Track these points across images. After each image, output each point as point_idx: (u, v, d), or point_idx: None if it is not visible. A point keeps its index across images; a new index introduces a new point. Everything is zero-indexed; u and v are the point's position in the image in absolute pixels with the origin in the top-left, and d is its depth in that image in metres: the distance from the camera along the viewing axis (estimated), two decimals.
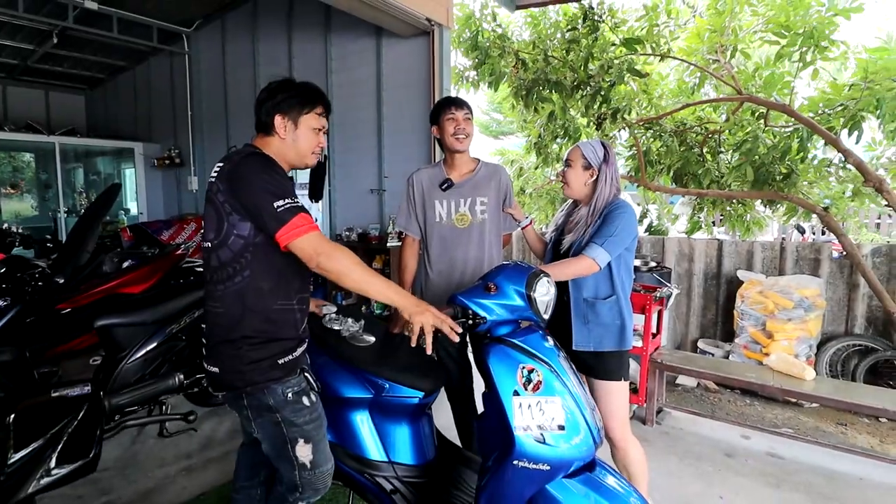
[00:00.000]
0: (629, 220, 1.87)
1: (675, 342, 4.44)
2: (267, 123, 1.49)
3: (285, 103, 1.48)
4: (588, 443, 1.40)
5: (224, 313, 1.44)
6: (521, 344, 1.45)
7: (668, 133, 4.68)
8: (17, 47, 6.83)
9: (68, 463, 0.84)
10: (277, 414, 1.45)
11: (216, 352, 1.46)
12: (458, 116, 2.16)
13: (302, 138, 1.51)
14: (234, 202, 1.39)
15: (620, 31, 4.30)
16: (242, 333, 1.43)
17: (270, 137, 1.51)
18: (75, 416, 0.86)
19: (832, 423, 3.26)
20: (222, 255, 1.42)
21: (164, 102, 7.19)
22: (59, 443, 0.83)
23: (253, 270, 1.43)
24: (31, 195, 8.43)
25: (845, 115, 3.55)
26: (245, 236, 1.41)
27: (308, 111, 1.51)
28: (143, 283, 3.70)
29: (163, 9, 5.86)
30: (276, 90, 1.50)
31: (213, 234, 1.43)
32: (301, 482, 1.50)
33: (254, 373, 1.43)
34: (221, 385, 1.47)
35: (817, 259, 3.93)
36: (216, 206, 1.41)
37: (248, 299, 1.43)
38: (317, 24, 5.10)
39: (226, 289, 1.43)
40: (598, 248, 1.82)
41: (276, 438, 1.48)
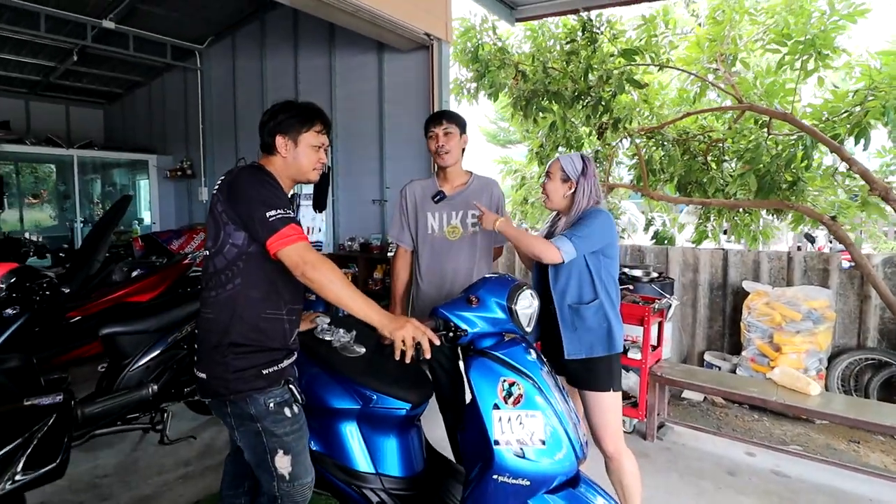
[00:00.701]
0: (603, 222, 1.88)
1: (682, 355, 4.37)
2: (269, 144, 1.56)
3: (285, 123, 1.55)
4: (570, 458, 1.39)
5: (214, 319, 1.48)
6: (503, 357, 1.45)
7: (671, 142, 4.66)
8: (40, 64, 7.07)
9: (35, 469, 0.87)
10: (258, 423, 1.47)
11: (205, 358, 1.50)
12: (438, 133, 2.19)
13: (302, 156, 1.57)
14: (230, 212, 1.45)
15: (619, 42, 4.31)
16: (230, 340, 1.46)
17: (273, 157, 1.58)
18: (45, 424, 0.89)
19: (844, 440, 3.17)
20: (217, 263, 1.48)
21: (177, 116, 7.37)
22: (28, 449, 0.86)
23: (244, 278, 1.47)
24: (51, 205, 8.67)
25: (850, 122, 3.50)
26: (239, 245, 1.46)
27: (307, 130, 1.57)
28: (151, 291, 3.78)
29: (176, 27, 6.04)
30: (277, 112, 1.57)
31: (212, 242, 1.50)
32: (280, 493, 1.51)
33: (238, 381, 1.45)
34: (207, 391, 1.51)
35: (826, 269, 3.85)
36: (215, 215, 1.48)
37: (238, 307, 1.47)
38: (321, 41, 5.21)
39: (217, 295, 1.48)
40: (565, 239, 1.82)
41: (257, 447, 1.50)
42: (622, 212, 7.56)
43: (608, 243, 1.91)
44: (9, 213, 7.75)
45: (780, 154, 3.83)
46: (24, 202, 8.27)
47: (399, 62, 4.56)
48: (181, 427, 3.17)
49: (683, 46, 4.50)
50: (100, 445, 2.96)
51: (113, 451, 2.93)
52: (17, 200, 8.07)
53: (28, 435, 0.88)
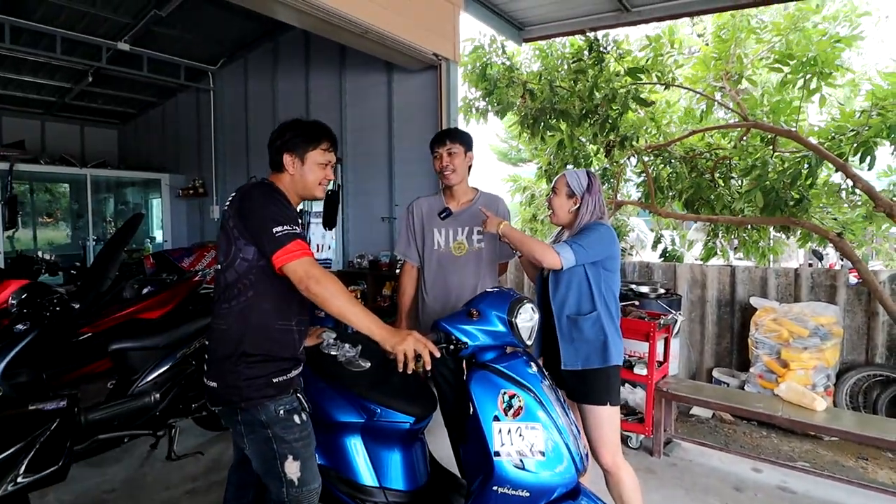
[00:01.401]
0: (603, 233, 1.91)
1: (690, 371, 4.34)
2: (278, 161, 1.61)
3: (292, 142, 1.60)
4: (570, 471, 1.40)
5: (227, 330, 1.52)
6: (504, 370, 1.48)
7: (678, 159, 4.70)
8: (56, 86, 7.28)
9: (37, 471, 0.90)
10: (269, 430, 1.51)
11: (216, 367, 1.54)
12: (442, 153, 2.22)
13: (308, 173, 1.62)
14: (241, 227, 1.50)
15: (625, 61, 4.38)
16: (242, 350, 1.50)
17: (282, 174, 1.63)
18: (48, 428, 0.93)
19: (852, 457, 3.12)
20: (229, 277, 1.53)
21: (189, 136, 7.53)
22: (31, 452, 0.90)
23: (256, 291, 1.52)
24: (65, 223, 8.83)
25: (856, 141, 3.52)
26: (250, 259, 1.51)
27: (313, 148, 1.61)
28: (161, 308, 3.82)
29: (189, 48, 6.22)
30: (285, 130, 1.62)
31: (223, 257, 1.55)
32: (288, 499, 1.54)
33: (249, 389, 1.49)
34: (218, 399, 1.54)
35: (833, 286, 3.83)
36: (227, 231, 1.53)
37: (251, 318, 1.52)
38: (332, 62, 5.34)
39: (230, 308, 1.52)
40: (566, 245, 1.86)
41: (266, 454, 1.53)
42: (630, 228, 7.57)
43: (608, 256, 1.94)
44: (23, 231, 7.90)
45: (786, 171, 3.86)
46: (38, 221, 8.43)
47: (408, 82, 4.66)
48: (188, 443, 3.19)
49: (689, 66, 4.57)
50: (107, 461, 2.98)
51: (120, 466, 2.95)
52: (31, 219, 8.23)
53: (31, 438, 0.92)
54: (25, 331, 2.72)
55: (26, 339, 2.69)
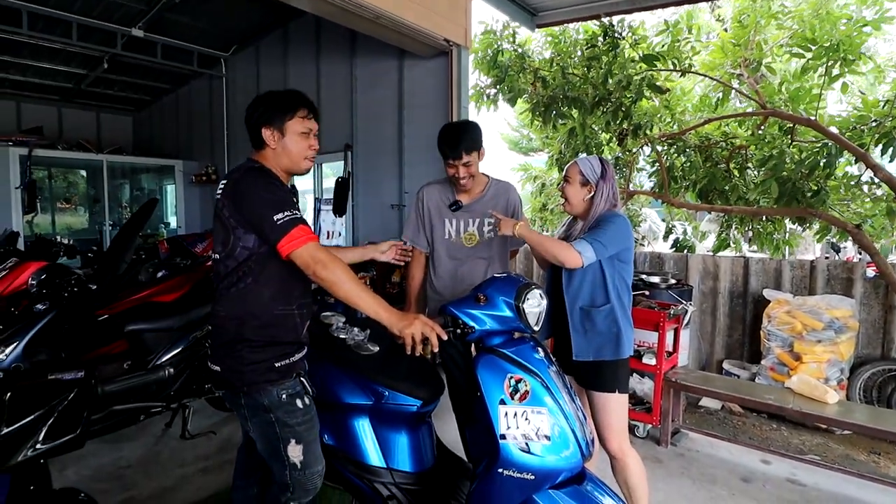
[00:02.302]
0: (620, 226, 1.88)
1: (700, 362, 4.32)
2: (257, 138, 1.56)
3: (267, 114, 1.54)
4: (576, 455, 1.41)
5: (227, 316, 1.53)
6: (511, 354, 1.48)
7: (692, 148, 4.63)
8: (72, 72, 7.37)
9: (55, 438, 0.93)
10: (271, 414, 1.52)
11: (219, 352, 1.55)
12: (457, 164, 2.12)
13: (290, 144, 1.56)
14: (238, 216, 1.48)
15: (641, 47, 4.31)
16: (243, 336, 1.51)
17: (263, 151, 1.58)
18: (66, 397, 0.96)
19: (864, 451, 3.09)
20: (229, 265, 1.52)
21: (202, 122, 7.58)
22: (49, 420, 0.93)
23: (255, 278, 1.52)
24: (82, 209, 8.98)
25: (879, 132, 3.44)
26: (250, 247, 1.50)
27: (290, 117, 1.55)
28: (175, 292, 3.89)
29: (202, 35, 6.24)
30: (258, 103, 1.56)
31: (221, 247, 1.53)
32: (291, 481, 1.56)
33: (251, 373, 1.51)
34: (221, 383, 1.56)
35: (850, 279, 3.77)
36: (223, 220, 1.50)
37: (250, 304, 1.52)
38: (343, 48, 5.32)
39: (230, 294, 1.53)
40: (585, 243, 1.82)
41: (270, 437, 1.54)
42: (642, 219, 7.51)
43: (624, 248, 1.92)
44: (42, 216, 8.03)
45: (804, 161, 3.78)
46: (56, 206, 8.58)
47: (419, 69, 4.62)
48: (201, 423, 3.26)
49: (706, 52, 4.47)
50: (123, 438, 3.06)
51: (136, 443, 3.03)
52: (49, 205, 8.37)
53: (50, 407, 0.95)
54: (45, 310, 2.80)
55: (46, 318, 2.76)
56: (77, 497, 1.05)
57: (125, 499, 2.46)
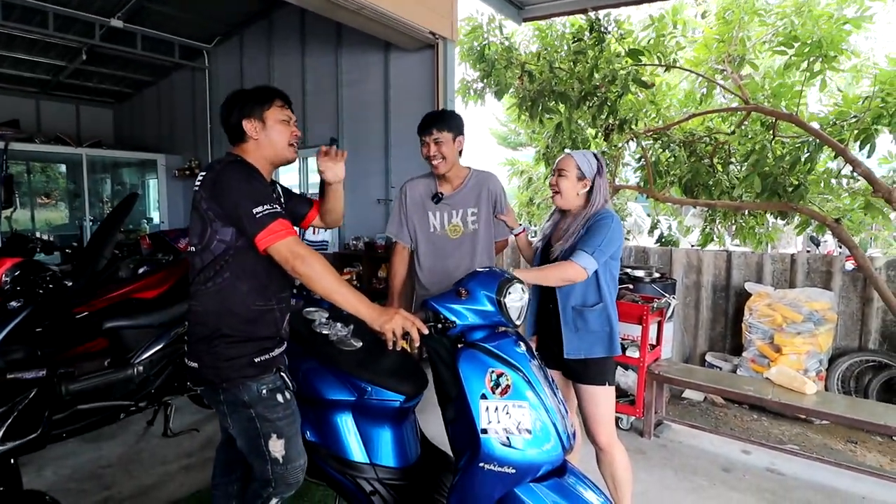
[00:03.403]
0: (616, 229, 1.88)
1: (684, 355, 4.37)
2: (239, 132, 1.56)
3: (246, 108, 1.55)
4: (557, 449, 1.41)
5: (203, 312, 1.51)
6: (492, 349, 1.48)
7: (677, 143, 4.66)
8: (50, 63, 7.18)
9: (15, 438, 0.91)
10: (252, 409, 1.51)
11: (196, 348, 1.53)
12: (428, 142, 2.16)
13: (274, 133, 1.57)
14: (217, 209, 1.46)
15: (626, 42, 4.32)
16: (220, 332, 1.49)
17: (245, 144, 1.58)
18: (26, 396, 0.93)
19: (841, 440, 3.16)
20: (205, 258, 1.50)
21: (185, 116, 7.45)
22: (8, 419, 0.90)
23: (233, 272, 1.50)
24: (62, 204, 8.79)
25: (858, 127, 3.49)
26: (227, 241, 1.48)
27: (269, 107, 1.57)
28: (157, 288, 3.82)
29: (184, 26, 6.12)
30: (234, 101, 1.57)
31: (197, 240, 1.51)
32: (273, 476, 1.55)
33: (229, 369, 1.49)
34: (199, 380, 1.54)
35: (829, 272, 3.84)
36: (200, 213, 1.49)
37: (227, 299, 1.50)
38: (328, 40, 5.25)
39: (206, 289, 1.50)
40: (587, 255, 1.82)
41: (250, 433, 1.53)
42: (628, 213, 7.57)
43: (618, 246, 1.93)
44: (21, 212, 7.85)
45: (785, 156, 3.83)
46: (35, 202, 8.39)
47: (405, 62, 4.59)
48: (184, 420, 3.22)
49: (691, 48, 4.50)
50: (103, 437, 3.02)
51: (117, 442, 2.99)
52: (28, 200, 8.19)
53: (9, 406, 0.92)
54: (19, 307, 2.73)
55: (20, 316, 2.69)
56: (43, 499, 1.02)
57: (104, 498, 2.42)
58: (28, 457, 1.97)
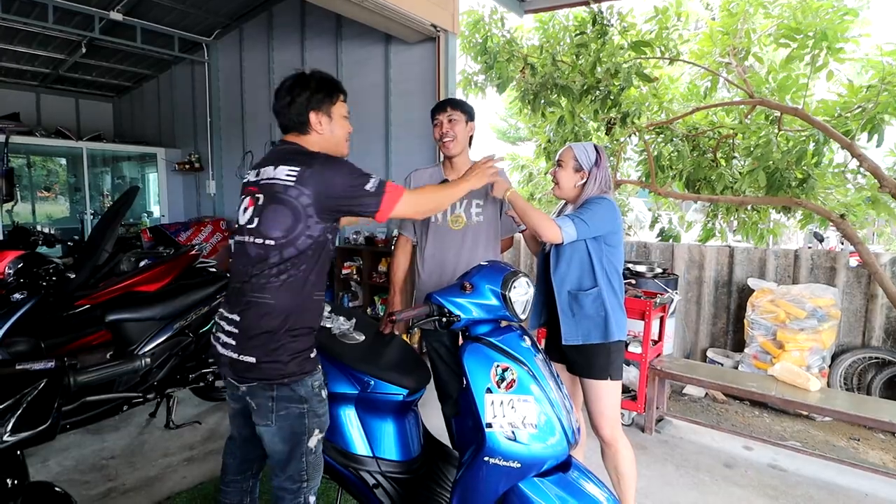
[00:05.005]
0: (606, 207, 1.87)
1: (685, 351, 4.37)
2: (302, 122, 1.53)
3: (314, 100, 1.52)
4: (562, 444, 1.41)
5: (274, 304, 1.44)
6: (497, 343, 1.47)
7: (680, 137, 4.63)
8: (50, 57, 7.14)
9: (24, 430, 0.90)
10: (306, 405, 1.48)
11: (255, 342, 1.44)
12: (442, 120, 2.17)
13: (338, 128, 1.58)
14: (323, 202, 1.43)
15: (629, 34, 4.28)
16: (288, 325, 1.45)
17: (307, 135, 1.55)
18: (36, 388, 0.92)
19: (844, 437, 3.16)
20: (286, 252, 1.44)
21: (185, 109, 7.42)
22: (17, 411, 0.90)
23: (308, 265, 1.47)
24: (63, 198, 8.78)
25: (863, 118, 3.46)
26: (315, 236, 1.45)
27: (335, 101, 1.57)
28: (158, 281, 3.82)
29: (183, 19, 6.07)
30: (300, 88, 1.52)
31: (281, 234, 1.43)
32: (307, 468, 1.53)
33: (293, 363, 1.46)
34: (255, 375, 1.45)
35: (833, 268, 3.83)
36: (294, 208, 1.42)
37: (300, 292, 1.47)
38: (328, 33, 5.22)
39: (280, 282, 1.45)
40: (567, 219, 1.82)
41: (297, 429, 1.49)
42: (629, 208, 7.54)
43: (610, 231, 1.90)
44: (22, 206, 7.84)
45: (791, 150, 3.80)
46: (36, 195, 8.39)
47: (406, 54, 4.56)
48: (186, 413, 3.23)
49: (695, 41, 4.46)
50: (107, 429, 3.02)
51: (120, 434, 2.99)
52: (29, 193, 8.18)
53: (19, 397, 0.91)
54: (23, 300, 2.73)
55: (24, 308, 2.69)
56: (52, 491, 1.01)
57: (108, 489, 2.42)
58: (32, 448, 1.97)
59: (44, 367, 0.97)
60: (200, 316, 3.05)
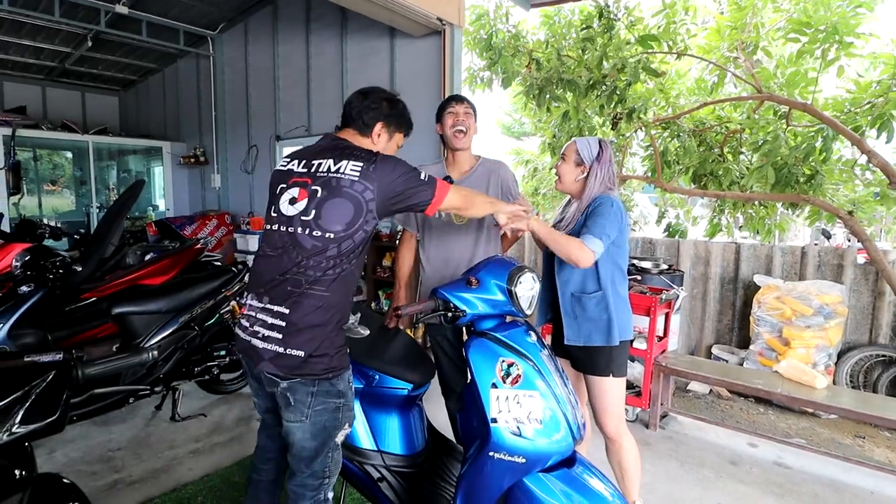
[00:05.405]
0: (617, 211, 1.84)
1: (690, 347, 4.35)
2: (368, 126, 1.63)
3: (392, 118, 1.66)
4: (567, 439, 1.40)
5: (328, 297, 1.45)
6: (503, 338, 1.47)
7: (686, 133, 4.60)
8: (56, 50, 7.15)
9: (33, 422, 0.91)
10: (343, 399, 1.50)
11: (306, 335, 1.43)
12: (459, 110, 2.19)
13: (388, 150, 1.68)
14: (387, 198, 1.49)
15: (636, 29, 4.25)
16: (337, 319, 1.48)
17: (363, 138, 1.63)
18: (44, 380, 0.93)
19: (849, 435, 3.15)
20: (344, 246, 1.46)
21: (190, 102, 7.42)
22: (26, 403, 0.90)
23: (357, 260, 1.52)
24: (69, 191, 8.82)
25: (872, 114, 3.43)
26: (368, 231, 1.51)
27: (402, 132, 1.73)
28: (164, 274, 3.84)
29: (189, 12, 6.06)
30: (388, 103, 1.66)
31: (341, 227, 1.45)
32: (331, 464, 1.54)
33: (336, 358, 1.48)
34: (301, 370, 1.43)
35: (840, 265, 3.80)
36: (357, 202, 1.45)
37: (348, 286, 1.51)
38: (334, 26, 5.20)
39: (335, 275, 1.46)
40: (595, 239, 1.77)
41: (329, 424, 1.49)
42: (634, 204, 7.51)
43: (619, 230, 1.89)
44: (28, 199, 7.89)
45: (799, 146, 3.77)
46: (42, 188, 8.42)
47: (411, 48, 4.53)
48: (192, 405, 3.25)
49: (703, 35, 4.42)
50: (113, 421, 3.05)
51: (126, 426, 3.02)
52: (36, 187, 8.21)
53: (27, 389, 0.92)
54: (30, 292, 2.75)
55: (31, 300, 2.71)
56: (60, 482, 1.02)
57: (114, 481, 2.44)
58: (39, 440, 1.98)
59: (52, 360, 0.97)
60: (206, 309, 3.06)
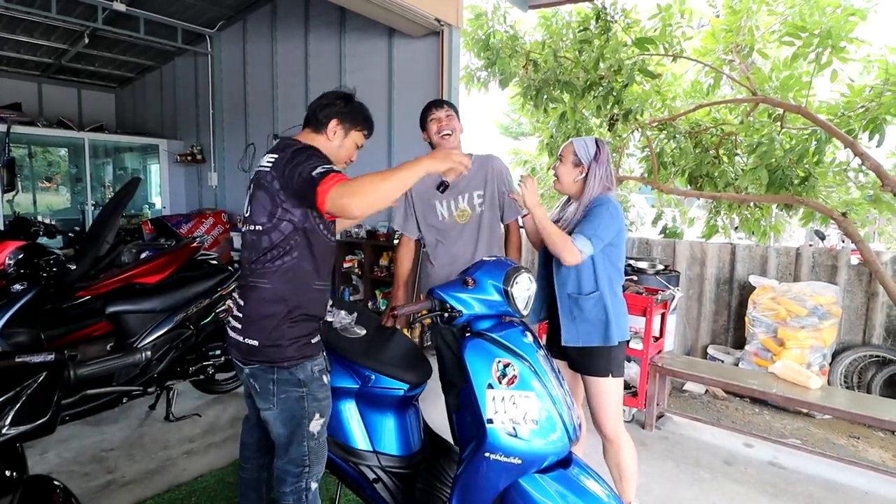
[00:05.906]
0: (612, 213, 1.85)
1: (685, 348, 4.37)
2: (322, 123, 1.63)
3: (348, 115, 1.65)
4: (563, 440, 1.40)
5: (271, 289, 1.53)
6: (499, 338, 1.47)
7: (682, 134, 4.62)
8: (52, 47, 7.11)
9: (24, 423, 0.90)
10: (305, 388, 1.55)
11: (257, 325, 1.53)
12: (440, 115, 2.21)
13: (344, 148, 1.68)
14: (288, 188, 1.47)
15: (633, 31, 4.26)
16: (287, 309, 1.53)
17: (318, 135, 1.64)
18: (35, 381, 0.92)
19: (844, 435, 3.16)
20: (273, 238, 1.52)
21: (187, 100, 7.40)
22: (17, 404, 0.89)
23: (300, 252, 1.54)
24: (64, 188, 8.76)
25: (865, 118, 3.45)
26: (295, 221, 1.52)
27: (359, 129, 1.70)
28: (159, 273, 3.81)
29: (187, 10, 6.04)
30: (343, 100, 1.66)
31: (266, 219, 1.52)
32: (310, 453, 1.58)
33: (292, 348, 1.52)
34: (257, 357, 1.53)
35: (835, 266, 3.82)
36: (271, 193, 1.50)
37: (295, 279, 1.54)
38: (332, 25, 5.19)
39: (275, 268, 1.53)
40: (584, 239, 1.79)
41: (296, 413, 1.55)
42: (631, 205, 7.52)
43: (616, 231, 1.90)
44: (23, 196, 7.83)
45: (793, 148, 3.79)
46: (37, 186, 8.37)
47: (409, 48, 4.53)
48: (186, 405, 3.24)
49: (698, 38, 4.44)
50: (106, 421, 3.03)
51: (119, 426, 3.00)
52: (31, 184, 8.16)
53: (18, 390, 0.91)
54: (23, 290, 2.73)
55: (25, 299, 2.69)
56: (50, 484, 1.01)
57: (107, 481, 2.43)
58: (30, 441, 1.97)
59: (44, 360, 0.96)
60: (201, 308, 3.05)
